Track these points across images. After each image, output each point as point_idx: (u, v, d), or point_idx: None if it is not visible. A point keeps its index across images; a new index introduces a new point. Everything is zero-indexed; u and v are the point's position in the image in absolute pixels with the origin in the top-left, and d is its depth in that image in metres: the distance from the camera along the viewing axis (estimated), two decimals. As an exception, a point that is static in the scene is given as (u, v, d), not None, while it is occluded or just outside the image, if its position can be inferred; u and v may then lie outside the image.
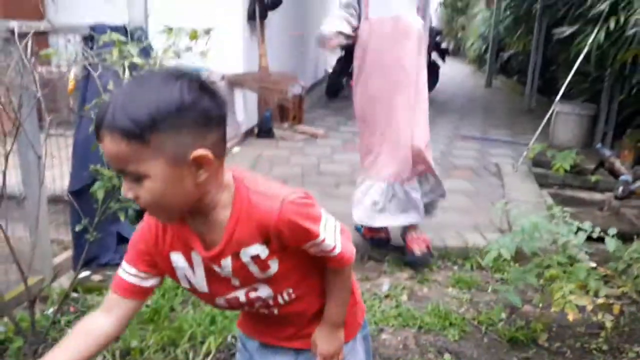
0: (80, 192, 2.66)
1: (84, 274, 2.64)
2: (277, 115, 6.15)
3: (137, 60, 1.58)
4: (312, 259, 1.09)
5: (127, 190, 0.94)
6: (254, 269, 1.05)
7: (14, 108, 1.83)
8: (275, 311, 1.15)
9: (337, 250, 1.06)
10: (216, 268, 1.06)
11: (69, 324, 2.21)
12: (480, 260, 2.91)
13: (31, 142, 1.99)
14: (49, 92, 2.09)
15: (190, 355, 2.04)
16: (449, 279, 2.80)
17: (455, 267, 2.96)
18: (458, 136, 6.35)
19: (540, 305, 2.58)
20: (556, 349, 2.27)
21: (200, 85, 0.93)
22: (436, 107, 8.61)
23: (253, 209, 1.00)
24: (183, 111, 0.90)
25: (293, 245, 1.03)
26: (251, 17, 5.32)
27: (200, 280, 1.09)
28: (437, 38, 10.20)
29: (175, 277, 1.10)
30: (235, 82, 5.07)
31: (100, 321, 1.07)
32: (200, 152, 0.91)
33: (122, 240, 2.91)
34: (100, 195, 1.75)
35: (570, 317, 2.00)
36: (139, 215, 2.14)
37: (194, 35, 1.53)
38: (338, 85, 8.73)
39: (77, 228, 1.83)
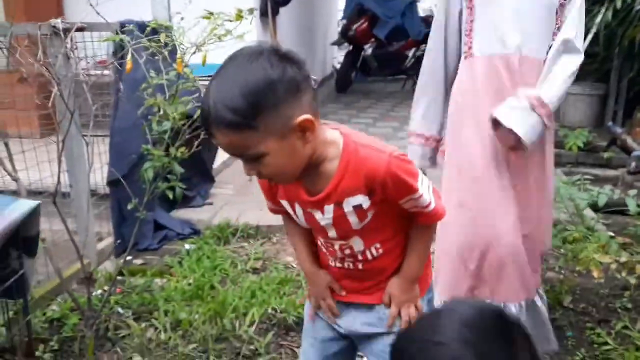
0: (118, 182, 2.80)
1: (126, 258, 2.77)
2: (291, 110, 6.28)
3: (184, 42, 1.70)
4: (402, 217, 1.17)
5: (248, 170, 1.03)
6: (352, 219, 1.14)
7: (64, 98, 1.96)
8: (360, 266, 1.22)
9: (432, 206, 1.14)
10: (317, 215, 1.15)
11: (118, 303, 2.34)
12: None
13: (79, 130, 2.12)
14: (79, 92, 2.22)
15: (236, 324, 2.16)
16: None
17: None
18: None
19: (563, 272, 2.68)
20: (582, 309, 2.37)
21: (279, 56, 0.98)
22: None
23: (362, 161, 1.07)
24: (274, 88, 0.95)
25: (393, 198, 1.11)
26: (263, 13, 5.45)
27: (301, 223, 1.21)
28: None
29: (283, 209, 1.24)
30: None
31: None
32: (302, 117, 0.99)
33: (158, 227, 3.05)
34: (149, 174, 1.87)
35: (595, 274, 2.10)
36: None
37: (239, 16, 1.64)
38: (347, 80, 8.84)
39: (130, 206, 1.94)
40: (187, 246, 2.93)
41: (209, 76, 1.03)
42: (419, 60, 10.17)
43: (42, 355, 1.94)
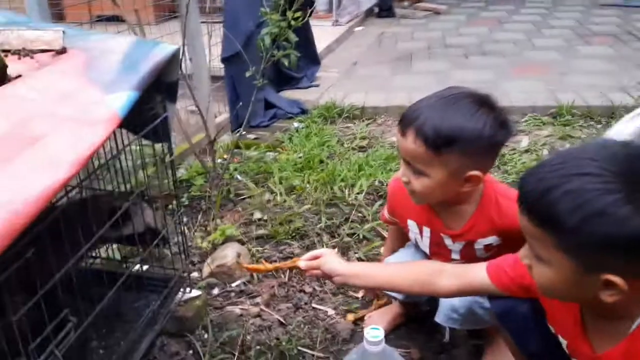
0: (232, 58, 2.91)
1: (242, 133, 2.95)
2: (396, -6, 5.98)
3: None
4: None
5: (403, 174, 1.18)
6: (480, 253, 1.27)
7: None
8: None
9: None
10: (448, 241, 1.29)
11: (237, 170, 2.53)
12: (628, 118, 2.80)
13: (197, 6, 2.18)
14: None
15: (346, 192, 2.27)
16: (593, 135, 2.74)
17: (599, 126, 2.87)
18: (596, 4, 5.78)
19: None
20: None
21: (501, 121, 1.10)
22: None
23: (499, 210, 1.20)
24: (478, 141, 1.08)
25: None
26: None
27: (424, 246, 1.36)
28: None
29: (406, 229, 1.39)
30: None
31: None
32: (476, 173, 1.12)
33: (268, 106, 3.17)
34: (267, 41, 1.91)
35: None
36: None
37: None
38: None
39: (247, 74, 2.03)
40: (295, 124, 3.05)
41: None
42: None
43: (176, 209, 2.19)
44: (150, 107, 1.25)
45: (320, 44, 4.03)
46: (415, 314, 1.60)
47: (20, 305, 0.88)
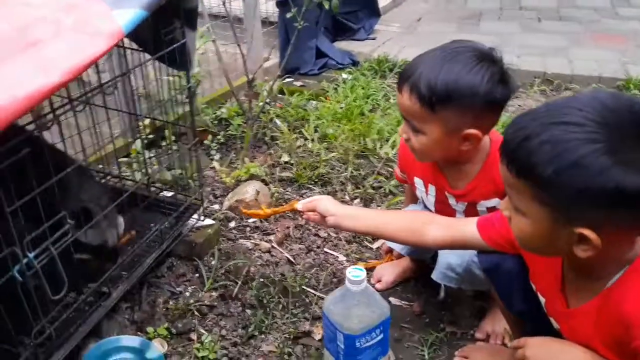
0: (287, 3, 2.88)
1: (288, 79, 2.96)
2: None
3: None
4: None
5: (403, 131, 1.17)
6: (483, 214, 1.22)
7: None
8: None
9: None
10: (452, 200, 1.27)
11: (276, 115, 2.55)
12: None
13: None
14: None
15: (378, 145, 2.23)
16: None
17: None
18: None
19: None
20: None
21: (501, 76, 1.04)
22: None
23: None
24: (476, 97, 1.03)
25: None
26: None
27: (429, 204, 1.34)
28: None
29: (414, 187, 1.37)
30: None
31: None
32: (474, 131, 1.08)
33: (320, 55, 3.14)
34: (309, -19, 1.88)
35: None
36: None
37: None
38: None
39: (288, 15, 2.02)
40: (344, 75, 3.00)
41: None
42: None
43: (210, 144, 2.25)
44: (168, 32, 1.28)
45: (385, -3, 3.92)
46: (425, 270, 1.58)
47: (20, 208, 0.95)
